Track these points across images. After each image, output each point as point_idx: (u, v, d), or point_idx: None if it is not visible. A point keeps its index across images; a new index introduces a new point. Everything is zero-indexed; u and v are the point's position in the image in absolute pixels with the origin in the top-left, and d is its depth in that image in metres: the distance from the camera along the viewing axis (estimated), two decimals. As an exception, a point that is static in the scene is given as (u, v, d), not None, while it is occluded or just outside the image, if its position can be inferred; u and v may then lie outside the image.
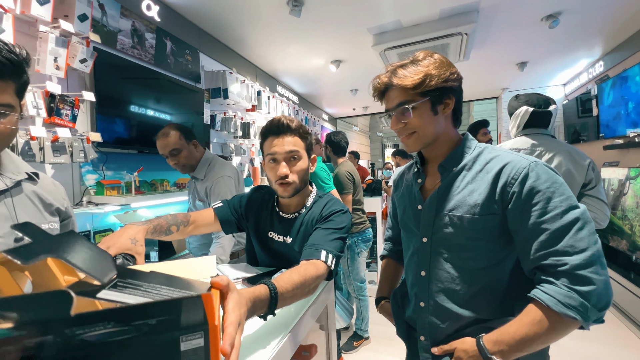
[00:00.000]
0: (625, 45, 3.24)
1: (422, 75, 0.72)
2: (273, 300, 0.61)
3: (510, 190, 0.67)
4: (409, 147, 0.80)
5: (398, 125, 0.78)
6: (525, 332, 0.62)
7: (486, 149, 0.77)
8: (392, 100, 0.77)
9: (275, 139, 0.94)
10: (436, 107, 0.75)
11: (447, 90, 0.74)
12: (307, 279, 0.72)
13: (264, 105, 3.28)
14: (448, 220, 0.74)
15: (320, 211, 0.97)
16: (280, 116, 0.95)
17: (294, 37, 2.92)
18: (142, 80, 1.96)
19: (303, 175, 0.96)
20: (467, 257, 0.73)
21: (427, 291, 0.79)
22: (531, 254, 0.65)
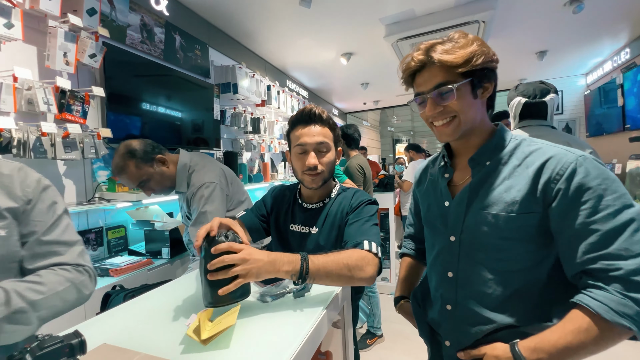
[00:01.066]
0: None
1: (469, 52, 0.65)
2: (303, 261, 0.67)
3: (554, 187, 0.61)
4: (446, 135, 0.72)
5: (436, 110, 0.70)
6: (569, 341, 0.56)
7: (524, 141, 0.70)
8: (428, 81, 0.69)
9: (304, 128, 0.91)
10: (476, 91, 0.68)
11: (489, 72, 0.68)
12: (344, 256, 0.73)
13: (274, 100, 3.24)
14: (481, 219, 0.68)
15: (349, 202, 0.95)
16: (311, 105, 0.92)
17: (303, 30, 2.86)
18: (151, 75, 1.95)
19: (331, 167, 0.94)
20: (500, 259, 0.67)
21: (454, 293, 0.74)
22: (578, 256, 0.58)
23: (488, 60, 0.66)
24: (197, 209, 1.24)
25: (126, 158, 1.22)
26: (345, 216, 0.93)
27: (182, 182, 1.34)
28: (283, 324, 0.61)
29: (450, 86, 0.66)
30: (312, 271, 0.69)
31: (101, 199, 1.62)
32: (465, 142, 0.75)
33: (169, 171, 1.32)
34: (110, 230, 1.70)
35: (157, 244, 1.69)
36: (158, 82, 2.00)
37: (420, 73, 0.71)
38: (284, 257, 0.68)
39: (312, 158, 0.89)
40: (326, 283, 0.72)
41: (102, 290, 1.27)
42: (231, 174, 1.50)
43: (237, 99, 2.75)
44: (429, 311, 0.84)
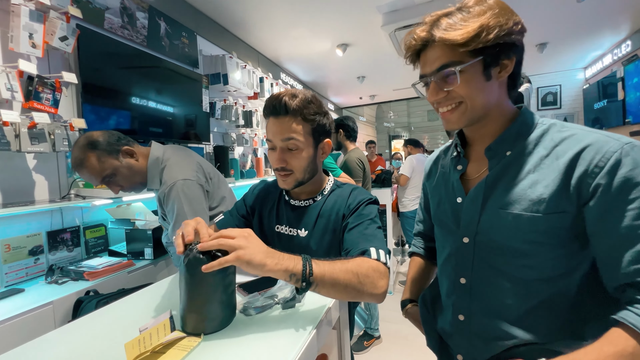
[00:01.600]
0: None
1: (478, 26, 0.54)
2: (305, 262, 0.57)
3: (592, 182, 0.50)
4: (451, 123, 0.63)
5: (438, 96, 0.60)
6: None
7: (553, 126, 0.59)
8: (431, 61, 0.59)
9: (273, 120, 0.79)
10: (490, 71, 0.57)
11: (507, 47, 0.56)
12: (353, 265, 0.62)
13: (267, 92, 3.11)
14: (500, 219, 0.58)
15: (345, 202, 0.82)
16: (282, 92, 0.77)
17: (297, 19, 2.73)
18: (133, 63, 1.81)
19: (306, 166, 0.80)
20: (524, 265, 0.57)
21: (467, 303, 0.64)
22: (623, 266, 0.48)
23: (504, 33, 0.54)
24: (174, 211, 1.10)
25: (87, 150, 1.05)
26: (342, 219, 0.81)
27: (153, 178, 1.18)
28: (268, 344, 0.51)
29: (453, 68, 0.56)
30: (317, 275, 0.57)
31: (77, 195, 1.50)
32: (480, 129, 0.64)
33: (138, 165, 1.16)
34: (88, 229, 1.58)
35: (139, 244, 1.57)
36: (141, 70, 1.87)
37: (424, 51, 0.61)
38: (285, 254, 0.58)
39: (277, 159, 0.79)
40: (330, 294, 0.60)
41: (74, 296, 1.16)
42: (210, 168, 1.33)
43: (227, 91, 2.62)
44: (439, 318, 0.75)
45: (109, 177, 1.10)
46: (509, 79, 0.62)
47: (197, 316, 0.55)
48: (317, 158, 0.83)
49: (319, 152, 0.84)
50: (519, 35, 0.57)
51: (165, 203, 1.12)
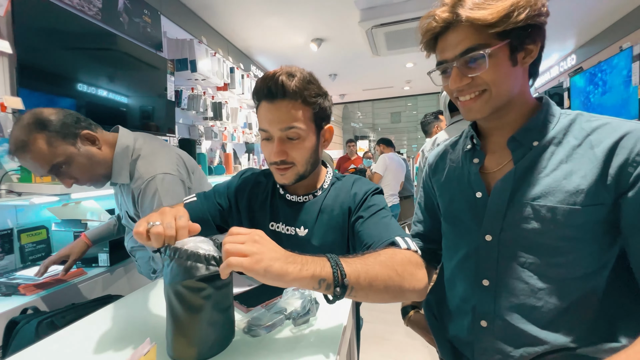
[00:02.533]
0: (599, 38, 3.31)
1: (509, 5, 0.49)
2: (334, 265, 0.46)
3: (633, 172, 0.48)
4: (474, 112, 0.58)
5: (462, 82, 0.55)
6: None
7: (580, 116, 0.57)
8: (454, 45, 0.54)
9: (267, 106, 0.67)
10: (516, 55, 0.53)
11: (535, 30, 0.53)
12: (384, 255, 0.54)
13: (238, 84, 2.92)
14: (531, 213, 0.54)
15: (349, 194, 0.74)
16: (276, 70, 0.65)
17: (273, 8, 2.59)
18: (84, 37, 1.55)
19: (308, 158, 0.71)
20: (557, 263, 0.54)
21: (491, 306, 0.59)
22: None
23: (534, 14, 0.51)
24: (151, 210, 0.90)
25: (33, 130, 0.84)
26: (349, 213, 0.72)
27: (121, 170, 0.98)
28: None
29: (482, 52, 0.51)
30: (352, 276, 0.47)
31: (10, 191, 1.23)
32: (500, 119, 0.60)
33: (101, 154, 0.96)
34: (24, 232, 1.31)
35: (92, 249, 1.33)
36: (93, 47, 1.61)
37: (443, 36, 0.56)
38: (306, 256, 0.47)
39: (276, 150, 0.67)
40: (368, 297, 0.50)
41: (5, 317, 0.93)
42: (191, 162, 1.17)
43: (195, 79, 2.39)
44: (449, 326, 0.69)
45: (59, 166, 0.88)
46: (530, 67, 0.58)
47: (186, 340, 0.43)
48: (319, 147, 0.74)
49: (321, 140, 0.74)
50: (545, 17, 0.54)
51: (141, 201, 0.93)
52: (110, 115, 1.70)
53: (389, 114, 15.54)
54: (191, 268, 0.42)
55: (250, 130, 3.35)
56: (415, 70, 4.50)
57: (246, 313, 0.54)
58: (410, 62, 4.10)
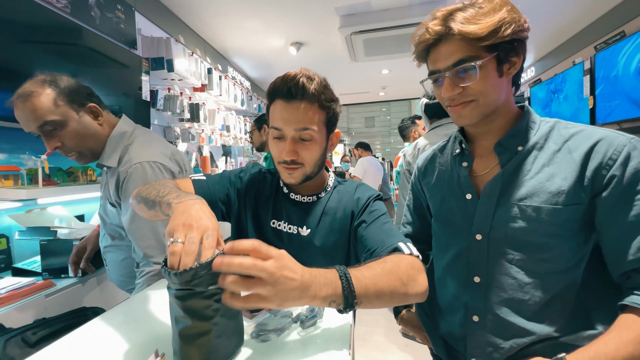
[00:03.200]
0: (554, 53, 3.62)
1: (497, 20, 0.54)
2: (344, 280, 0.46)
3: (606, 174, 0.53)
4: (463, 118, 0.62)
5: (454, 92, 0.59)
6: (630, 353, 0.48)
7: (558, 123, 0.63)
8: (446, 56, 0.58)
9: (283, 104, 0.68)
10: (502, 67, 0.58)
11: (519, 44, 0.58)
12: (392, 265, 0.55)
13: (215, 85, 2.85)
14: (518, 212, 0.59)
15: (353, 198, 0.76)
16: (297, 72, 0.67)
17: (252, 10, 2.56)
18: (51, 30, 1.45)
19: (317, 160, 0.72)
20: (541, 259, 0.58)
21: (483, 302, 0.63)
22: (630, 252, 0.52)
23: (519, 29, 0.56)
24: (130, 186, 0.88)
25: (44, 84, 0.86)
26: (352, 217, 0.74)
27: (112, 152, 0.96)
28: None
29: (473, 63, 0.55)
30: (360, 293, 0.47)
31: (-35, 197, 1.11)
32: (486, 125, 0.65)
33: (99, 130, 0.96)
34: (-19, 242, 1.19)
35: (61, 259, 1.23)
36: (62, 41, 1.50)
37: (435, 47, 0.60)
38: (319, 275, 0.45)
39: (288, 150, 0.68)
40: (375, 306, 0.51)
41: (-36, 336, 0.83)
42: (184, 160, 1.11)
43: (171, 79, 2.31)
44: (441, 323, 0.73)
45: (52, 125, 0.87)
46: (514, 77, 0.63)
47: (197, 351, 0.41)
48: (327, 150, 0.76)
49: (329, 144, 0.76)
50: (527, 32, 0.59)
51: (125, 186, 0.89)
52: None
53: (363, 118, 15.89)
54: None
55: (228, 132, 3.28)
56: (390, 77, 4.65)
57: (251, 319, 0.53)
58: (386, 68, 4.23)
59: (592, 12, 2.71)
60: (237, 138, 3.51)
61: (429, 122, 1.55)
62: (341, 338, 0.49)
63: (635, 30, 2.30)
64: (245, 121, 3.84)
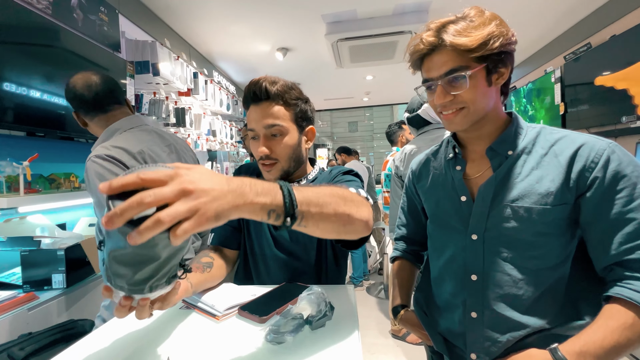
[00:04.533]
0: (528, 62, 3.83)
1: (486, 34, 0.59)
2: (285, 189, 0.43)
3: (589, 176, 0.58)
4: (454, 125, 0.67)
5: (445, 99, 0.63)
6: (616, 340, 0.53)
7: (544, 129, 0.67)
8: (438, 66, 0.62)
9: (253, 107, 0.77)
10: (491, 77, 0.63)
11: (507, 55, 0.62)
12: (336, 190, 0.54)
13: (201, 90, 2.82)
14: (510, 213, 0.63)
15: (330, 176, 0.84)
16: (261, 78, 0.76)
17: (239, 14, 2.56)
18: (32, 31, 1.39)
19: (291, 154, 0.79)
20: (533, 256, 0.62)
21: (480, 299, 0.66)
22: (613, 247, 0.56)
23: (506, 42, 0.61)
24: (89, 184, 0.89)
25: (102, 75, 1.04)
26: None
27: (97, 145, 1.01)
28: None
29: (463, 73, 0.60)
30: (302, 202, 0.44)
31: (-62, 207, 1.04)
32: (477, 131, 0.69)
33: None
34: (-45, 254, 1.12)
35: (43, 270, 1.18)
36: (44, 42, 1.45)
37: (429, 57, 0.64)
38: (253, 184, 0.42)
39: (261, 146, 0.76)
40: (319, 227, 0.49)
41: (-58, 355, 0.78)
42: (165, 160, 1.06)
43: (157, 83, 2.26)
44: (440, 320, 0.75)
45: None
46: (502, 87, 0.68)
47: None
48: (302, 145, 0.82)
49: (303, 140, 0.82)
50: (514, 45, 0.64)
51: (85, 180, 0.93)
52: (43, 118, 1.44)
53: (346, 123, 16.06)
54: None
55: (214, 137, 3.23)
56: (374, 83, 4.75)
57: (261, 322, 0.53)
58: (370, 74, 4.33)
59: (562, 24, 2.90)
60: (223, 143, 3.47)
61: (415, 130, 1.65)
62: (350, 336, 0.50)
63: (600, 41, 2.48)
64: (231, 126, 3.80)
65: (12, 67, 1.30)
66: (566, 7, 2.60)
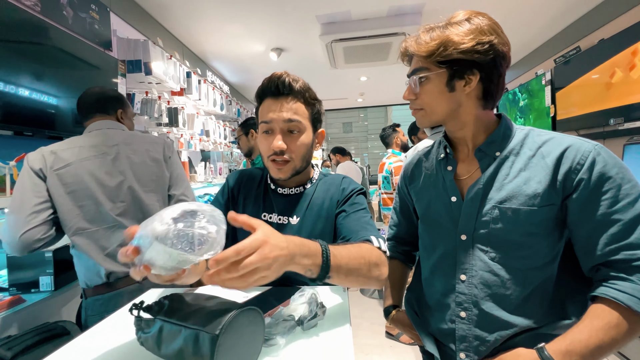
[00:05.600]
0: (518, 65, 3.88)
1: (437, 42, 0.62)
2: (324, 257, 0.52)
3: (575, 178, 0.59)
4: (418, 122, 0.73)
5: (409, 97, 0.69)
6: (601, 339, 0.54)
7: (532, 131, 0.68)
8: (411, 66, 0.69)
9: (271, 101, 0.75)
10: (454, 83, 0.64)
11: (469, 63, 0.62)
12: (364, 251, 0.63)
13: (195, 89, 2.80)
14: (498, 214, 0.63)
15: (339, 188, 0.83)
16: (282, 72, 0.75)
17: (234, 13, 2.55)
18: (20, 29, 1.36)
19: (304, 153, 0.78)
20: (521, 256, 0.63)
21: (469, 298, 0.67)
22: (598, 248, 0.57)
23: (463, 51, 0.60)
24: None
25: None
26: (336, 205, 0.80)
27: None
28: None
29: (420, 75, 0.65)
30: (333, 268, 0.55)
31: None
32: (458, 132, 0.71)
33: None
34: (-62, 257, 1.09)
35: (30, 271, 1.16)
36: (32, 40, 1.42)
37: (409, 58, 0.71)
38: (303, 247, 0.51)
39: (279, 140, 0.74)
40: (340, 283, 0.59)
41: None
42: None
43: (149, 82, 2.24)
44: (431, 320, 0.76)
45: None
46: (484, 93, 0.66)
47: None
48: (313, 147, 0.82)
49: (314, 141, 0.82)
50: (484, 55, 0.61)
51: None
52: (32, 117, 1.41)
53: (341, 123, 16.09)
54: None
55: (207, 137, 3.21)
56: (368, 84, 4.77)
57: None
58: (364, 75, 4.34)
59: (553, 28, 2.95)
60: (216, 143, 3.45)
61: (429, 129, 1.69)
62: (342, 336, 0.50)
63: (589, 45, 2.53)
64: (225, 126, 3.78)
65: (8, 51, 1.29)
66: (557, 12, 2.64)
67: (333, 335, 0.51)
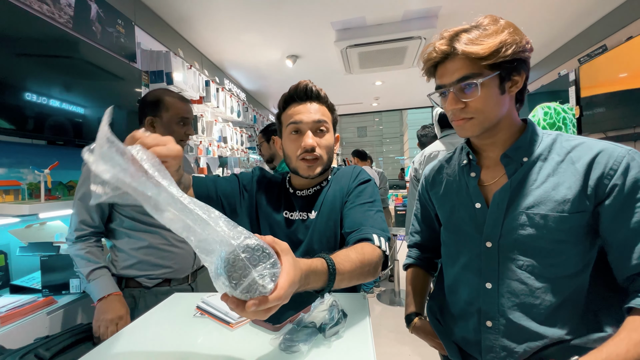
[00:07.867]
0: (540, 65, 3.76)
1: (498, 42, 0.58)
2: (331, 277, 0.54)
3: (608, 183, 0.56)
4: (465, 131, 0.66)
5: (457, 105, 0.63)
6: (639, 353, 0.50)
7: (560, 136, 0.66)
8: (451, 73, 0.62)
9: (299, 105, 0.80)
10: (504, 85, 0.62)
11: (520, 63, 0.61)
12: (366, 257, 0.65)
13: (213, 97, 2.87)
14: (526, 220, 0.61)
15: (350, 179, 0.86)
16: (306, 81, 0.81)
17: (250, 23, 2.62)
18: (53, 44, 1.45)
19: (330, 153, 0.84)
20: (551, 264, 0.61)
21: (496, 307, 0.64)
22: (634, 257, 0.55)
23: (520, 50, 0.60)
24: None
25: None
26: (347, 194, 0.83)
27: None
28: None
29: (475, 81, 0.59)
30: (337, 283, 0.56)
31: (-36, 213, 1.09)
32: (491, 138, 0.68)
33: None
34: (-21, 259, 1.16)
35: (62, 274, 1.21)
36: (65, 54, 1.51)
37: (442, 64, 0.64)
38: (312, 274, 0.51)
39: (309, 137, 0.79)
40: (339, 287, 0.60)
41: (-34, 357, 0.81)
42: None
43: (170, 92, 2.32)
44: (454, 329, 0.74)
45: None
46: (517, 94, 0.67)
47: None
48: (333, 148, 0.87)
49: (334, 144, 0.87)
50: (529, 53, 0.63)
51: None
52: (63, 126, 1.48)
53: (355, 128, 16.05)
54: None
55: (225, 144, 3.28)
56: (383, 88, 4.75)
57: (275, 331, 0.54)
58: (379, 80, 4.33)
59: (576, 26, 2.85)
60: (234, 149, 3.52)
61: (440, 130, 1.64)
62: (364, 344, 0.50)
63: (616, 44, 2.42)
64: (242, 132, 3.85)
65: (34, 78, 1.36)
66: (581, 9, 2.55)
67: (355, 343, 0.50)
